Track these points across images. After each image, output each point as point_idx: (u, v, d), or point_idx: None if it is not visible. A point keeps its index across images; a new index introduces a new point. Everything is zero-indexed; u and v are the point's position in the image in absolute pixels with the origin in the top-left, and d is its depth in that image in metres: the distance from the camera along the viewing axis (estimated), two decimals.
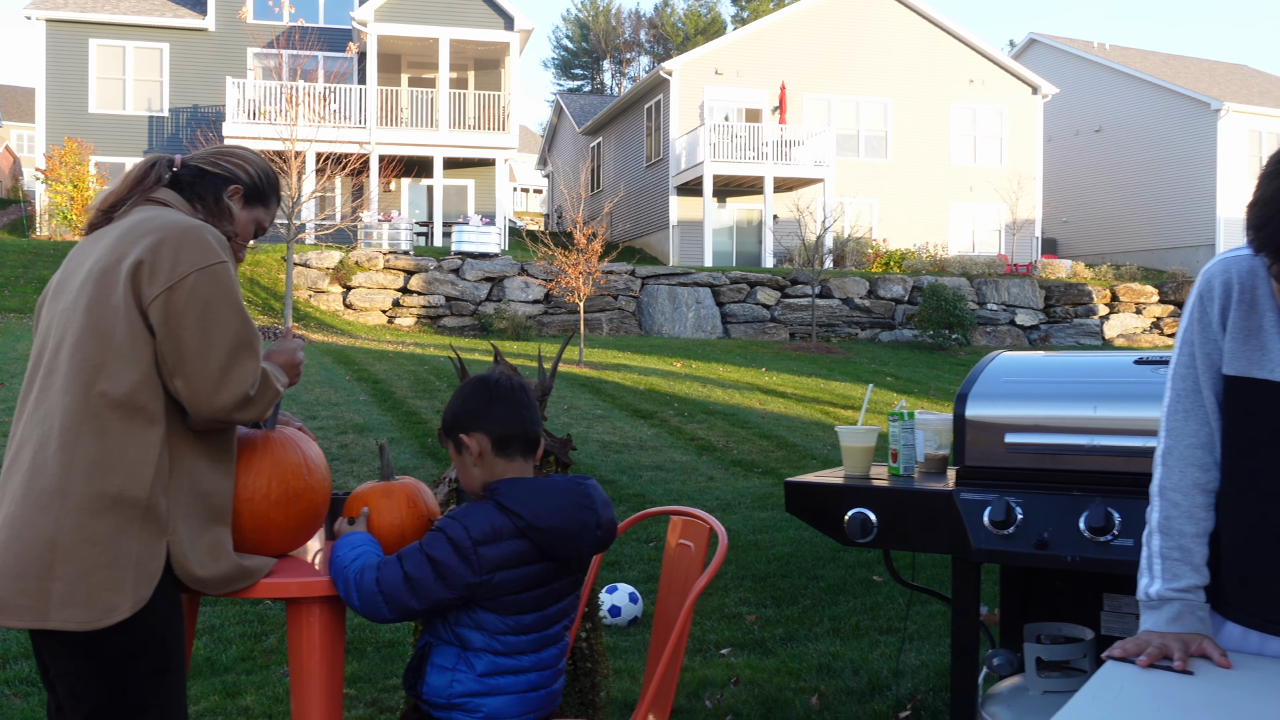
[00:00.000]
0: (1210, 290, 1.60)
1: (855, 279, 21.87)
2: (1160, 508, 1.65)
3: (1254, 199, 1.37)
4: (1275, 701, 1.40)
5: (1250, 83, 35.35)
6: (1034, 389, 2.37)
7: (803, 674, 4.40)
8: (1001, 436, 2.33)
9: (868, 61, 28.17)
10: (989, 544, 2.29)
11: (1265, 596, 1.58)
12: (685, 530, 2.27)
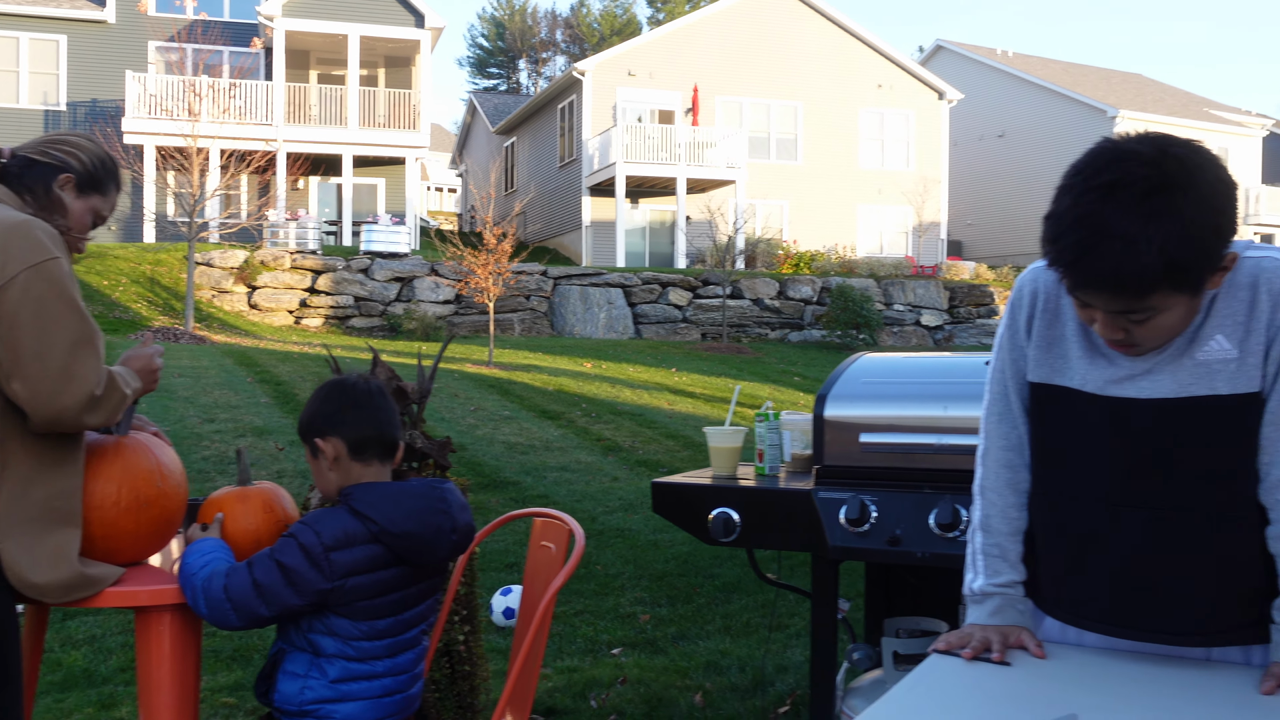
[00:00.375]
0: (1020, 299, 1.65)
1: (766, 280, 22.10)
2: (981, 506, 1.71)
3: (1048, 212, 1.42)
4: (1079, 689, 1.46)
5: (1144, 91, 36.58)
6: (890, 390, 2.43)
7: (690, 672, 4.44)
8: (857, 436, 2.39)
9: (779, 65, 28.49)
10: (845, 541, 2.35)
11: (1074, 594, 1.65)
12: (546, 532, 2.28)
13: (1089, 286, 1.40)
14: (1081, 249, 1.37)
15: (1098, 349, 1.56)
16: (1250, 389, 1.49)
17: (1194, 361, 1.50)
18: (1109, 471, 1.57)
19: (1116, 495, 1.57)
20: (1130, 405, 1.53)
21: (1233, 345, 1.48)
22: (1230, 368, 1.49)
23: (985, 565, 1.69)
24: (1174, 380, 1.51)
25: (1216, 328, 1.49)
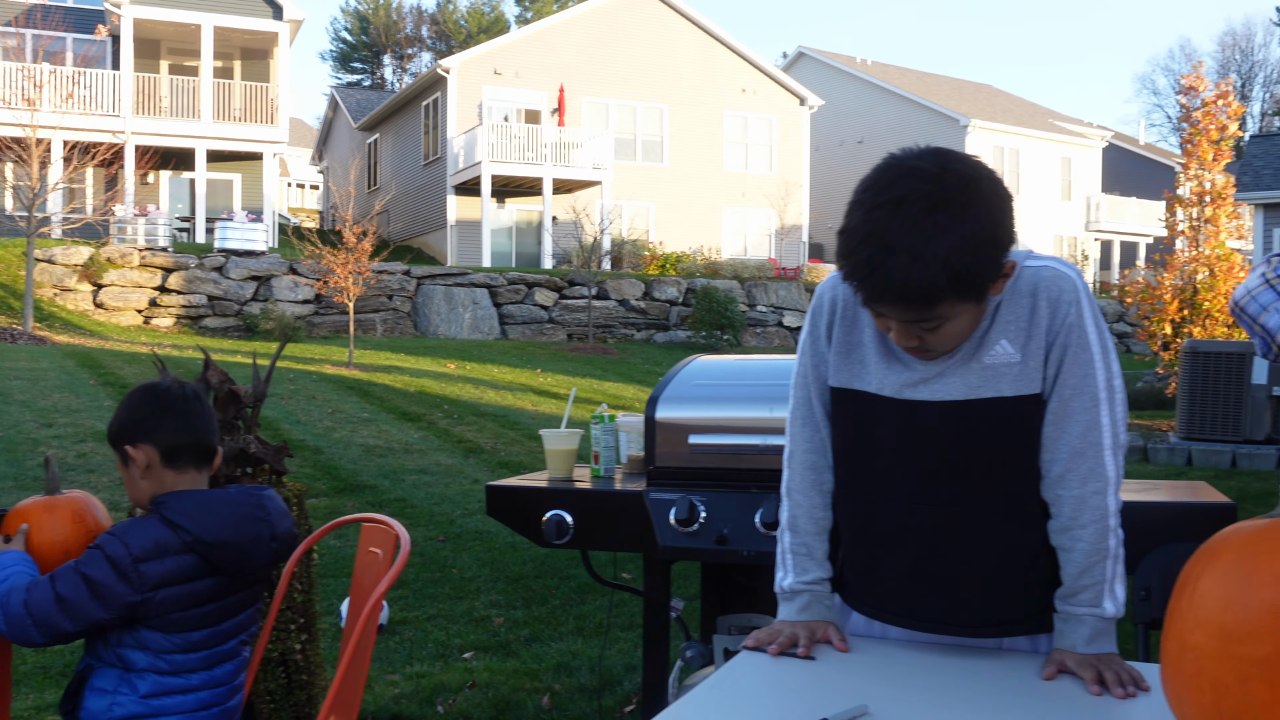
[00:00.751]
0: (820, 306, 1.71)
1: (632, 281, 22.23)
2: (788, 507, 1.76)
3: (841, 227, 1.47)
4: (875, 681, 1.51)
5: (994, 102, 38.08)
6: (719, 392, 2.48)
7: (541, 674, 4.43)
8: (687, 438, 2.43)
9: (646, 67, 28.69)
10: (675, 541, 2.38)
11: (876, 590, 1.71)
12: (373, 537, 2.25)
13: (882, 299, 1.46)
14: (872, 264, 1.42)
15: (893, 354, 1.63)
16: (1032, 390, 1.58)
17: (981, 365, 1.57)
18: (905, 471, 1.63)
19: (912, 494, 1.64)
20: (923, 407, 1.60)
21: (1016, 350, 1.56)
22: (1014, 371, 1.57)
23: (794, 564, 1.74)
24: (963, 383, 1.58)
25: (1001, 333, 1.57)
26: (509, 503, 2.58)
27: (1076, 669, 1.52)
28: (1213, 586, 1.15)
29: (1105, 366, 1.58)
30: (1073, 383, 1.57)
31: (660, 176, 28.83)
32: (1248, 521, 1.20)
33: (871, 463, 1.67)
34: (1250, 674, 1.09)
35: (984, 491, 1.61)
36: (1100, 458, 1.58)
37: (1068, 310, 1.56)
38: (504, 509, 2.59)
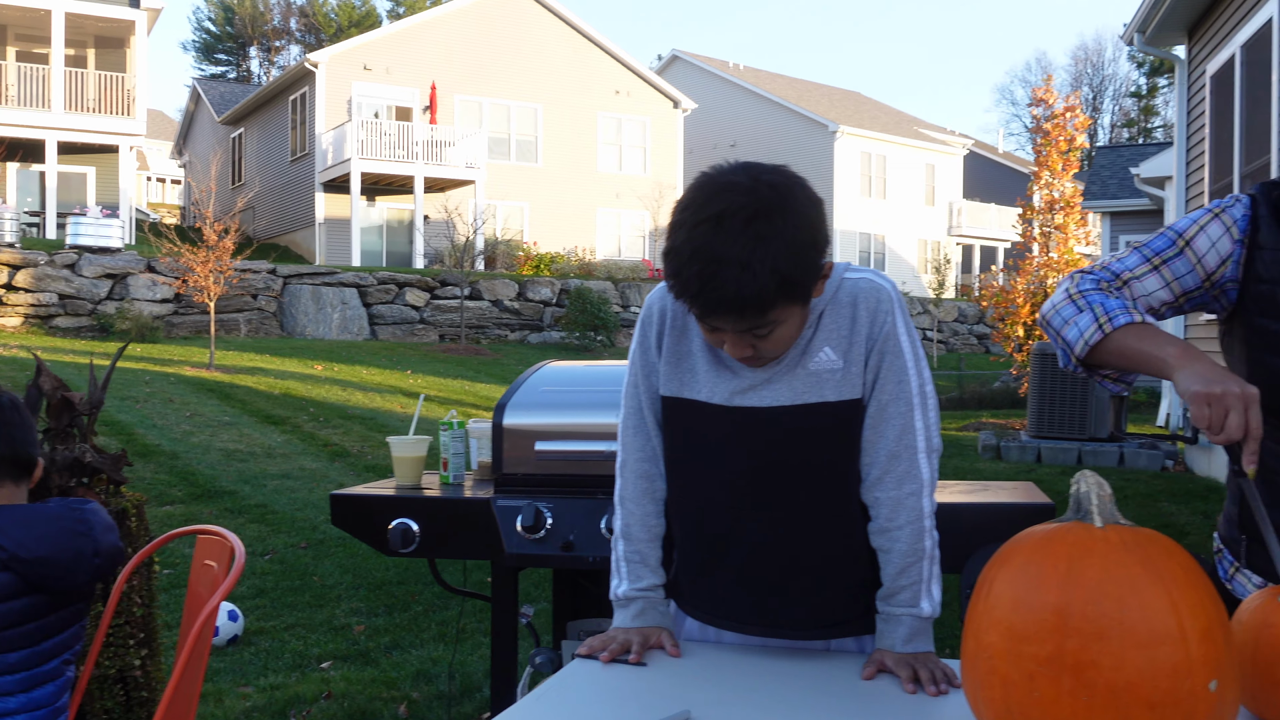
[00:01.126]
0: (650, 317, 1.74)
1: (505, 281, 22.09)
2: (621, 515, 1.78)
3: (666, 248, 1.50)
4: (702, 685, 1.54)
5: (862, 108, 39.08)
6: (566, 398, 2.49)
7: (399, 682, 4.38)
8: (533, 444, 2.43)
9: (519, 66, 28.56)
10: (521, 548, 2.38)
11: (709, 594, 1.74)
12: (208, 550, 2.19)
13: (716, 312, 1.49)
14: (703, 279, 1.45)
15: (722, 362, 1.67)
16: (854, 395, 1.65)
17: (806, 371, 1.63)
18: (735, 476, 1.67)
19: (742, 499, 1.68)
20: (753, 413, 1.65)
21: (838, 356, 1.63)
22: (837, 376, 1.63)
23: (628, 571, 1.76)
24: (790, 389, 1.63)
25: (824, 341, 1.64)
26: (354, 512, 2.54)
27: (894, 668, 1.58)
28: (1004, 588, 1.21)
29: (918, 374, 1.66)
30: (889, 389, 1.64)
31: (534, 177, 28.74)
32: (1039, 526, 1.26)
33: (703, 469, 1.70)
34: (1035, 672, 1.15)
35: (810, 495, 1.67)
36: (915, 460, 1.65)
37: (885, 319, 1.63)
38: (349, 518, 2.55)
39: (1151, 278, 1.67)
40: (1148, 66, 51.34)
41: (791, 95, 36.07)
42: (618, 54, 29.96)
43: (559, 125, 29.09)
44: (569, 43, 29.38)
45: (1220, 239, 1.65)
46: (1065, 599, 1.15)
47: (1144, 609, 1.13)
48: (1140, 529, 1.22)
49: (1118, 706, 1.11)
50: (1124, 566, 1.16)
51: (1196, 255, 1.65)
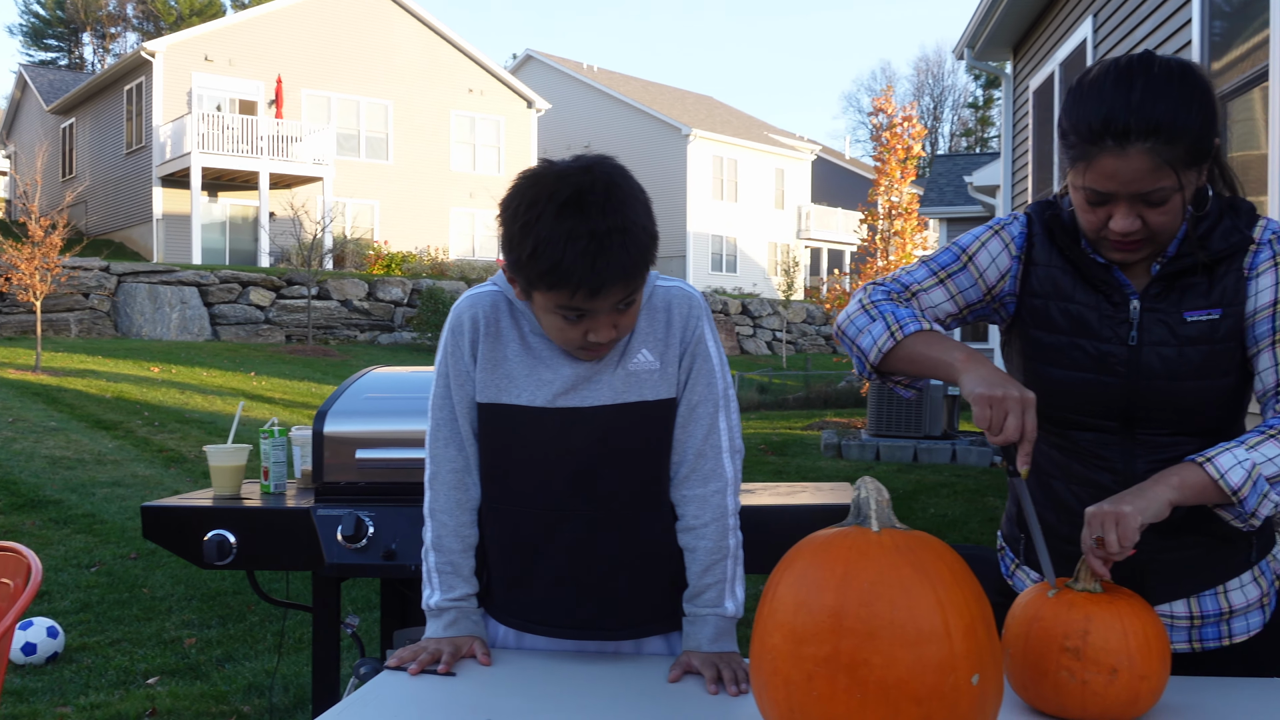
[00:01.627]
0: (460, 326, 1.72)
1: (355, 281, 21.62)
2: (432, 527, 1.77)
3: (529, 250, 1.51)
4: (510, 693, 1.55)
5: (714, 113, 39.71)
6: (390, 405, 2.46)
7: (230, 696, 4.25)
8: (354, 452, 2.40)
9: (370, 62, 28.01)
10: (342, 558, 2.35)
11: (524, 601, 1.76)
12: (4, 567, 2.08)
13: (608, 284, 1.51)
14: (590, 255, 1.48)
15: (541, 365, 1.68)
16: (670, 395, 1.71)
17: (626, 372, 1.68)
18: (554, 479, 1.70)
19: (562, 500, 1.70)
20: (576, 414, 1.67)
21: (655, 358, 1.69)
22: (654, 377, 1.69)
23: (440, 581, 1.75)
24: (611, 389, 1.67)
25: (641, 343, 1.69)
26: (167, 524, 2.46)
27: (700, 668, 1.62)
28: (787, 592, 1.25)
29: (723, 377, 1.73)
30: (699, 390, 1.71)
31: (385, 174, 28.23)
32: (822, 531, 1.32)
33: (523, 474, 1.71)
34: (814, 671, 1.20)
35: (627, 495, 1.70)
36: (720, 460, 1.72)
37: (696, 324, 1.71)
38: (162, 531, 2.46)
39: (937, 290, 1.75)
40: (984, 79, 53.67)
41: (645, 98, 36.39)
42: (471, 52, 29.69)
43: (411, 123, 28.65)
44: (421, 39, 28.96)
45: (1000, 255, 1.74)
46: (841, 601, 1.20)
47: (913, 609, 1.19)
48: (914, 532, 1.28)
49: (888, 702, 1.17)
50: (896, 569, 1.22)
51: (979, 270, 1.74)
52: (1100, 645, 1.39)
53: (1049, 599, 1.46)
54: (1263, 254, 1.62)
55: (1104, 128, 1.50)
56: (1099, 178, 1.53)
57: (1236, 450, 1.52)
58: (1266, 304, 1.60)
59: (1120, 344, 1.64)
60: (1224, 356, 1.62)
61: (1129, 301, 1.65)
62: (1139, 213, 1.55)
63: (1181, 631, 1.70)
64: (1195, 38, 6.07)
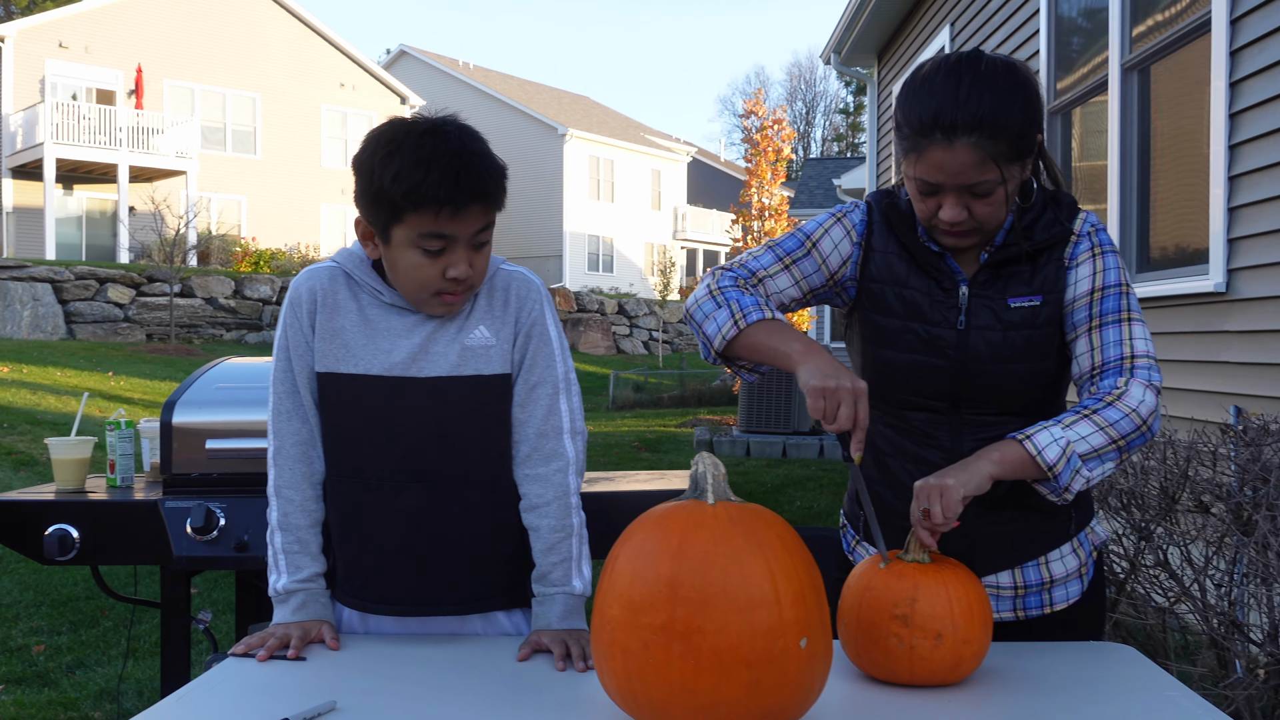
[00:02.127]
0: (299, 299, 1.75)
1: (221, 278, 20.99)
2: (278, 506, 1.77)
3: (391, 175, 1.59)
4: (359, 674, 1.55)
5: (591, 113, 39.77)
6: (242, 395, 2.42)
7: (80, 703, 4.09)
8: (204, 443, 2.35)
9: (236, 53, 27.21)
10: (192, 551, 2.30)
11: (366, 580, 1.76)
12: None
13: (471, 203, 1.61)
14: (455, 173, 1.58)
15: (378, 335, 1.72)
16: (505, 370, 1.75)
17: (463, 346, 1.72)
18: (396, 449, 1.72)
19: (402, 473, 1.72)
20: (411, 384, 1.70)
21: (492, 335, 1.74)
22: (490, 353, 1.73)
23: (287, 563, 1.75)
24: (447, 361, 1.71)
25: (479, 320, 1.74)
26: (5, 518, 2.36)
27: (549, 645, 1.64)
28: (625, 564, 1.29)
29: (563, 361, 1.79)
30: (538, 372, 1.76)
31: (253, 169, 27.46)
32: (661, 505, 1.36)
33: (362, 445, 1.73)
34: (650, 640, 1.23)
35: (466, 468, 1.74)
36: (561, 440, 1.77)
37: (534, 307, 1.77)
38: (0, 527, 2.37)
39: (783, 276, 1.81)
40: (854, 86, 55.02)
41: (522, 97, 36.23)
42: (342, 45, 29.11)
43: (280, 116, 27.93)
44: (291, 31, 28.26)
45: (841, 241, 1.81)
46: (676, 571, 1.24)
47: (744, 577, 1.24)
48: (748, 505, 1.33)
49: (720, 667, 1.21)
50: (729, 539, 1.26)
51: (822, 256, 1.81)
52: (926, 612, 1.46)
53: (880, 570, 1.53)
54: (1082, 245, 1.72)
55: (933, 122, 1.58)
56: (928, 169, 1.61)
57: (1053, 429, 1.61)
58: (1084, 293, 1.70)
59: (950, 328, 1.73)
60: (1045, 341, 1.72)
61: (959, 288, 1.73)
62: (966, 203, 1.63)
63: (1007, 601, 1.79)
64: (1043, 48, 6.36)
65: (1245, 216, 4.26)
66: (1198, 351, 4.60)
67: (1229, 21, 4.32)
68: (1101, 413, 1.61)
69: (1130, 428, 1.61)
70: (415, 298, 1.69)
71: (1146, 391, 1.63)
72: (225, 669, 1.58)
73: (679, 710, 1.24)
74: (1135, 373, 1.65)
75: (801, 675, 1.26)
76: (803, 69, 64.45)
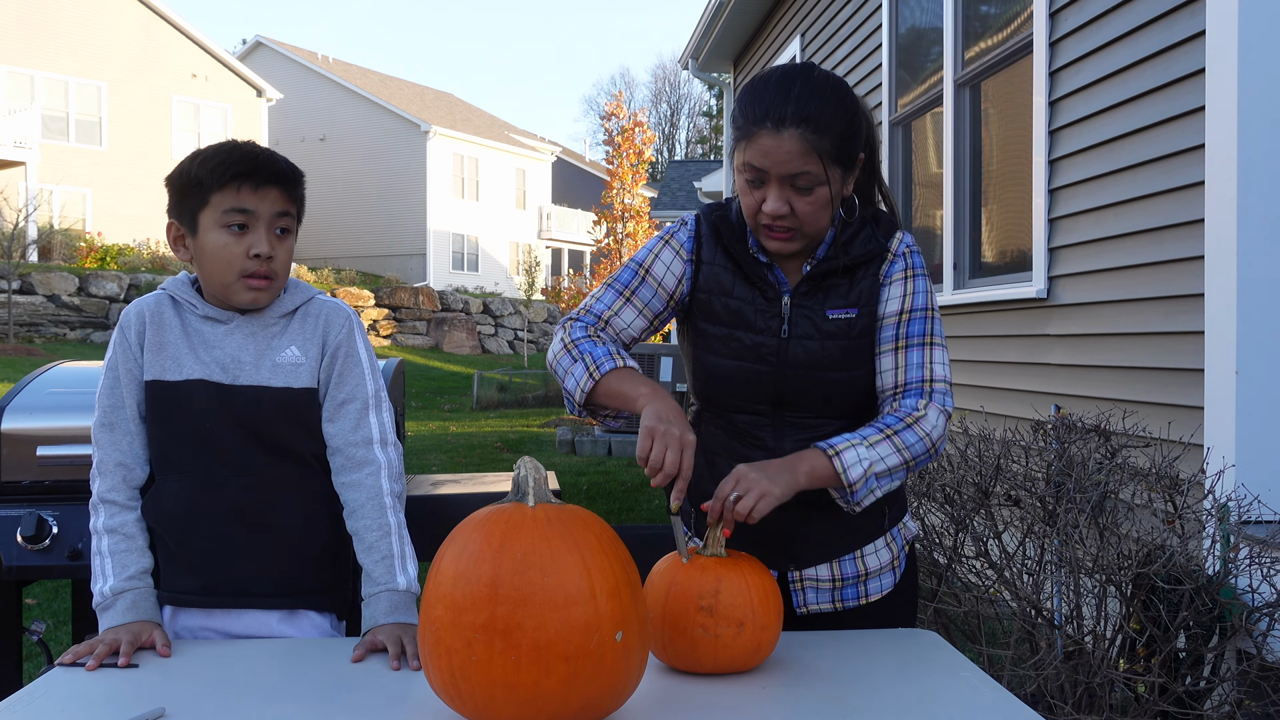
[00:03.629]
0: (128, 322, 1.87)
1: (64, 274, 20.08)
2: (104, 511, 1.83)
3: (198, 164, 1.83)
4: (188, 679, 1.56)
5: (455, 110, 39.40)
6: (76, 400, 2.37)
7: None
8: (35, 449, 2.30)
9: (80, 40, 26.03)
10: (24, 560, 2.25)
11: (180, 572, 1.83)
12: None
13: (269, 181, 1.82)
14: (255, 154, 1.83)
15: (200, 345, 1.86)
16: (310, 385, 1.89)
17: (274, 363, 1.87)
18: (214, 450, 1.83)
19: (215, 473, 1.83)
20: (230, 389, 1.84)
21: (302, 355, 1.89)
22: (300, 370, 1.88)
23: (114, 564, 1.79)
24: (260, 373, 1.86)
25: (291, 341, 1.89)
26: None
27: (386, 642, 1.69)
28: (448, 565, 1.34)
29: (374, 380, 1.93)
30: (346, 389, 1.90)
31: (99, 160, 26.33)
32: (485, 508, 1.42)
33: (183, 447, 1.84)
34: (473, 639, 1.29)
35: (280, 469, 1.86)
36: (371, 449, 1.88)
37: (341, 332, 1.92)
38: None
39: (626, 310, 1.90)
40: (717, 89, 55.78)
41: (384, 92, 35.63)
42: (194, 34, 28.14)
43: (127, 107, 26.84)
44: (137, 17, 27.17)
45: (673, 262, 1.91)
46: (496, 571, 1.30)
47: (561, 575, 1.31)
48: (567, 506, 1.40)
49: (540, 662, 1.28)
50: (547, 540, 1.33)
51: (657, 280, 1.91)
52: (729, 602, 1.56)
53: (683, 565, 1.62)
54: (897, 264, 1.84)
55: (765, 113, 1.70)
56: (756, 154, 1.72)
57: (860, 449, 1.73)
58: (894, 312, 1.83)
59: (772, 336, 1.83)
60: (860, 351, 1.84)
61: (782, 298, 1.84)
62: (788, 197, 1.73)
63: (826, 593, 1.91)
64: (885, 62, 6.64)
65: (1064, 227, 4.55)
66: (1023, 354, 4.89)
67: (1049, 44, 4.61)
68: (902, 435, 1.75)
69: (922, 450, 1.76)
70: (223, 282, 1.82)
71: (940, 416, 1.78)
72: (51, 679, 1.57)
73: (501, 705, 1.30)
74: (933, 397, 1.80)
75: (618, 667, 1.33)
76: (667, 71, 65.04)
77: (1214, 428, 3.38)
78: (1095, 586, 2.52)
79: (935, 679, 1.59)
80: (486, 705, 1.31)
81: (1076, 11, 4.42)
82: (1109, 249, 4.21)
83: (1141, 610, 2.49)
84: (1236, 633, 2.51)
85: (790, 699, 1.51)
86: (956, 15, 5.62)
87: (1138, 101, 4.01)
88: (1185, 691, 2.52)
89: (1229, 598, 2.56)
